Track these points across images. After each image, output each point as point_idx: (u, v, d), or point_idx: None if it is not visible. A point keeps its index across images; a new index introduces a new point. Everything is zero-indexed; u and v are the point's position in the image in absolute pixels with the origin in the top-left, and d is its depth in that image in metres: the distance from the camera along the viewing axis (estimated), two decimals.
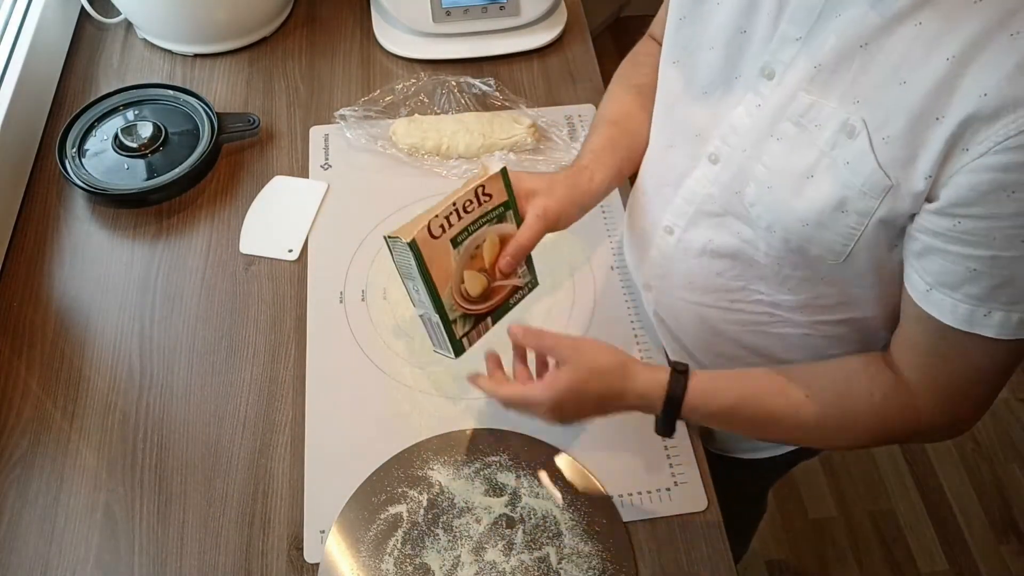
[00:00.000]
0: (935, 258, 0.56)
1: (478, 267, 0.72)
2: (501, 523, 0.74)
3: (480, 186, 0.69)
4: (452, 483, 0.76)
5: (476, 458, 0.77)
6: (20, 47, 1.01)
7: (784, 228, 0.62)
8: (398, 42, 1.12)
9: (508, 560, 0.72)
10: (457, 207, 0.68)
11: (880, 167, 0.55)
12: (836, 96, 0.57)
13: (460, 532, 0.73)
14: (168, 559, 0.73)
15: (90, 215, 0.96)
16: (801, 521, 1.71)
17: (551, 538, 0.73)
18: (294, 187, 0.99)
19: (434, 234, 0.67)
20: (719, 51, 0.65)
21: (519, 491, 0.76)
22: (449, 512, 0.74)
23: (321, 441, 0.79)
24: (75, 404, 0.82)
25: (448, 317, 0.71)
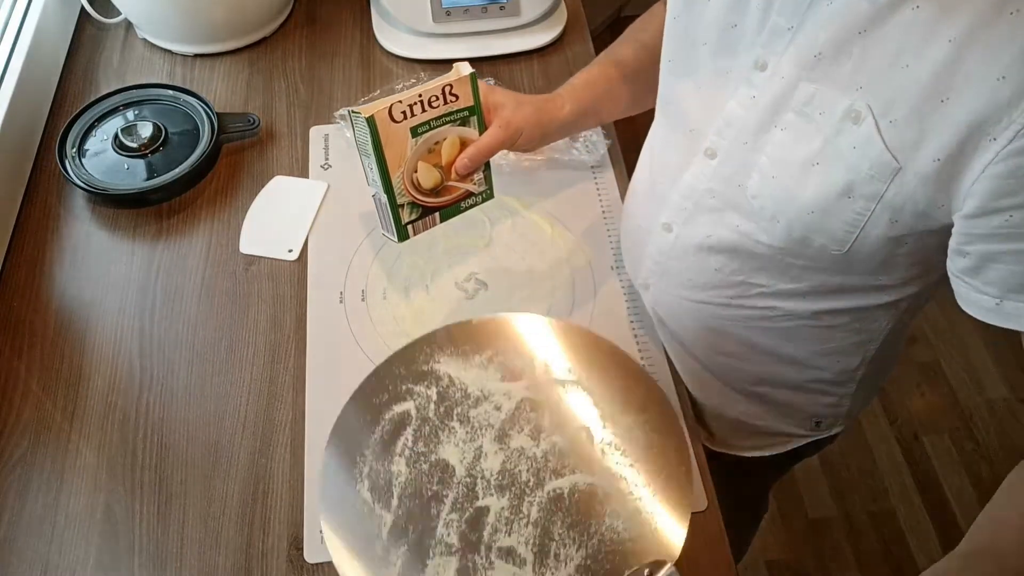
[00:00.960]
0: (996, 266, 0.55)
1: (434, 162, 0.75)
2: (525, 407, 0.67)
3: (448, 85, 0.71)
4: (463, 373, 0.69)
5: (486, 346, 0.71)
6: (20, 47, 1.01)
7: (788, 217, 0.62)
8: (398, 42, 1.12)
9: (538, 444, 0.65)
10: (423, 99, 0.71)
11: (887, 149, 0.55)
12: (838, 83, 0.57)
13: (479, 422, 0.67)
14: (168, 559, 0.73)
15: (90, 215, 0.96)
16: (801, 521, 1.71)
17: (584, 416, 0.67)
18: (294, 187, 0.99)
19: (395, 118, 0.70)
20: (711, 46, 0.66)
21: (540, 373, 0.70)
22: (463, 403, 0.68)
23: (321, 441, 0.79)
24: (75, 404, 0.82)
25: (395, 200, 0.74)
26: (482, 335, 0.72)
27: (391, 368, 0.71)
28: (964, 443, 1.81)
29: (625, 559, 0.61)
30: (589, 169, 1.01)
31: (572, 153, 1.00)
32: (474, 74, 0.73)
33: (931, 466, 1.78)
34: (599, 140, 1.01)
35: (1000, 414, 1.85)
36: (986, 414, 1.85)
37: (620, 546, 0.62)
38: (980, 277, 0.56)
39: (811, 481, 1.76)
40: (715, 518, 0.76)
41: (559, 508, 0.63)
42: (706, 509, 0.76)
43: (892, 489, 1.75)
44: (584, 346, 0.72)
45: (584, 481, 0.65)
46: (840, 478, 1.76)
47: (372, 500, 0.64)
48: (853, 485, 1.75)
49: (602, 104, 0.84)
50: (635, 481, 0.64)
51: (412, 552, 0.62)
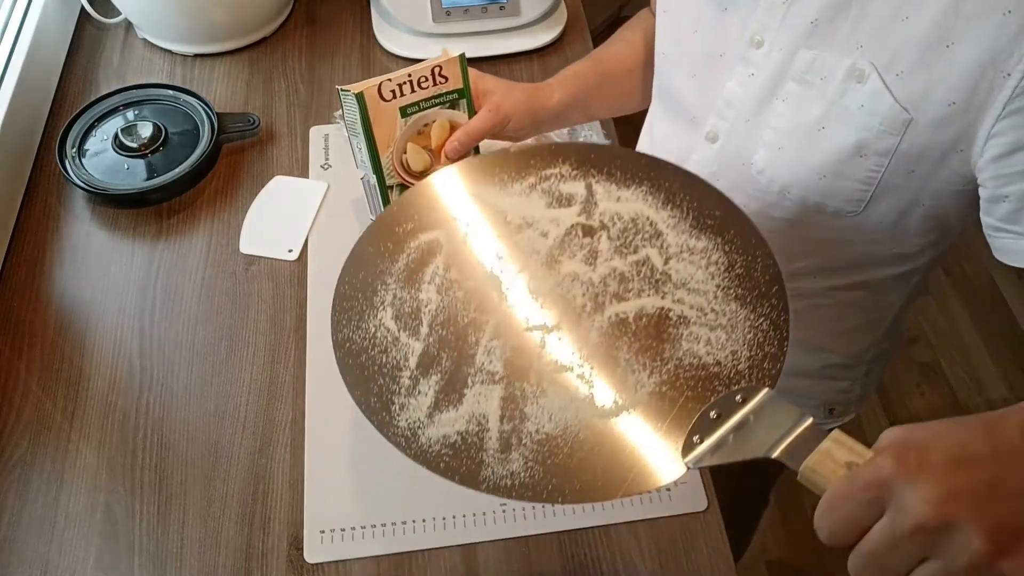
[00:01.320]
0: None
1: (423, 144, 0.74)
2: (576, 232, 0.59)
3: (438, 66, 0.71)
4: (501, 201, 0.61)
5: (528, 174, 0.63)
6: (20, 47, 1.01)
7: (801, 186, 0.62)
8: (398, 42, 1.12)
9: (594, 269, 0.57)
10: (412, 79, 0.71)
11: (898, 102, 0.55)
12: (838, 46, 0.58)
13: (522, 249, 0.59)
14: (168, 559, 0.73)
15: (90, 215, 0.96)
16: (801, 521, 1.71)
17: (648, 239, 0.59)
18: (294, 187, 0.99)
19: (384, 96, 0.70)
20: (703, 32, 0.66)
21: (593, 198, 0.62)
22: (502, 231, 0.60)
23: (321, 441, 0.79)
24: (75, 404, 0.82)
25: (384, 181, 0.73)
26: (522, 163, 0.64)
27: (415, 197, 0.63)
28: None
29: (710, 386, 0.53)
30: None
31: None
32: (463, 55, 0.72)
33: None
34: (598, 138, 1.01)
35: None
36: None
37: (702, 371, 0.53)
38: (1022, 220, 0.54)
39: None
40: (715, 518, 0.76)
41: (624, 333, 0.55)
42: (706, 509, 0.76)
43: None
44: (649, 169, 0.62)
45: (653, 305, 0.56)
46: None
47: (397, 329, 0.57)
48: None
49: (592, 97, 0.85)
50: (717, 304, 0.56)
51: (447, 381, 0.54)
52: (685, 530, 0.75)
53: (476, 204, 0.62)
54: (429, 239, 0.61)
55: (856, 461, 0.42)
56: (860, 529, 0.39)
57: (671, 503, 0.76)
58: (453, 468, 0.51)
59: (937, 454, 0.37)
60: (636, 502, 0.76)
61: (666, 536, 0.74)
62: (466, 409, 0.53)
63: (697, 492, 0.77)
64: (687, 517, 0.75)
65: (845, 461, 0.43)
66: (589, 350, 0.54)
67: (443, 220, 0.62)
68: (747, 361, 0.53)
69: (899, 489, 0.37)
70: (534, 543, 0.74)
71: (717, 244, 0.58)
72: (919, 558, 0.37)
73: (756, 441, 0.48)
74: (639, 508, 0.76)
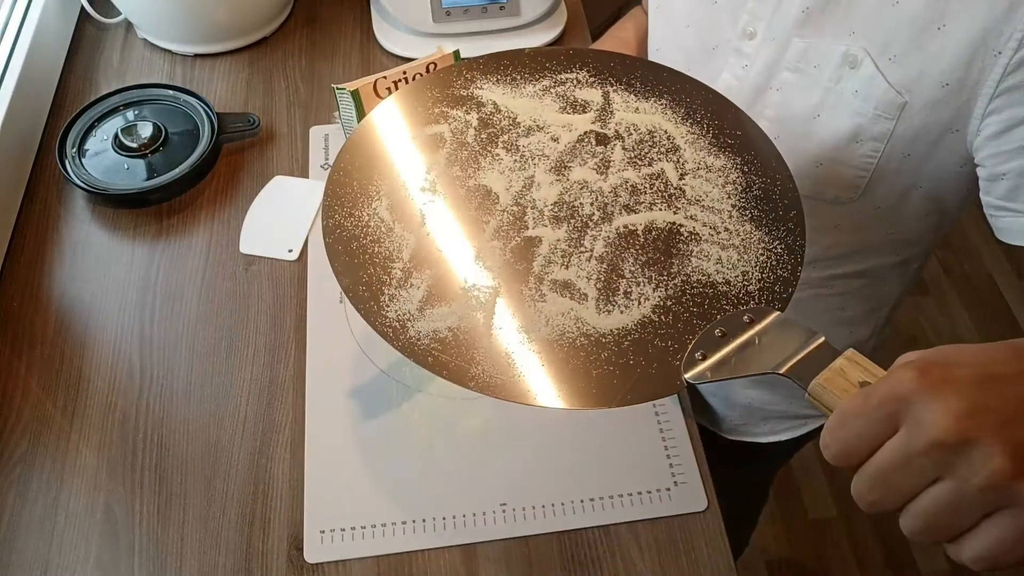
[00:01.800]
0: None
1: None
2: (589, 140, 0.58)
3: (432, 63, 0.71)
4: (512, 102, 0.59)
5: (542, 76, 0.61)
6: (20, 47, 1.01)
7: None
8: (398, 42, 1.12)
9: (605, 178, 0.55)
10: (407, 76, 0.70)
11: (892, 86, 0.55)
12: (830, 33, 0.58)
13: (531, 151, 0.57)
14: (168, 559, 0.73)
15: (90, 215, 0.96)
16: (801, 521, 1.71)
17: (664, 153, 0.57)
18: (294, 187, 0.99)
19: (380, 94, 0.69)
20: (695, 27, 0.67)
21: (610, 107, 0.60)
22: (511, 132, 0.58)
23: (321, 441, 0.79)
24: (75, 404, 0.82)
25: None
26: (537, 63, 0.61)
27: (421, 90, 0.60)
28: None
29: (717, 304, 0.51)
30: None
31: None
32: (457, 52, 0.72)
33: None
34: None
35: None
36: None
37: (711, 289, 0.51)
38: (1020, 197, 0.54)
39: (811, 481, 1.76)
40: (715, 518, 0.76)
41: (631, 245, 0.53)
42: (706, 509, 0.76)
43: None
44: (670, 83, 0.60)
45: (664, 219, 0.54)
46: (840, 478, 1.76)
47: (392, 220, 0.55)
48: None
49: None
50: (732, 224, 0.54)
51: (440, 277, 0.52)
52: (685, 530, 0.75)
53: (485, 103, 0.59)
54: (432, 133, 0.59)
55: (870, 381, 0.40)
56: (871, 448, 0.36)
57: (671, 503, 0.76)
58: (442, 363, 0.48)
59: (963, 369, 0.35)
60: (636, 502, 0.76)
61: (666, 536, 0.75)
62: (459, 306, 0.51)
63: (697, 492, 0.77)
64: (687, 517, 0.75)
65: (859, 380, 0.40)
66: (593, 259, 0.52)
67: (449, 115, 0.59)
68: (758, 283, 0.51)
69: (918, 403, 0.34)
70: (534, 543, 0.74)
71: (736, 164, 0.56)
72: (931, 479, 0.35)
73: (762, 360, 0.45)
74: (639, 508, 0.76)
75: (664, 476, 0.78)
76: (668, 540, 0.74)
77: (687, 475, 0.78)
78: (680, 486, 0.77)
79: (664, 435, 0.81)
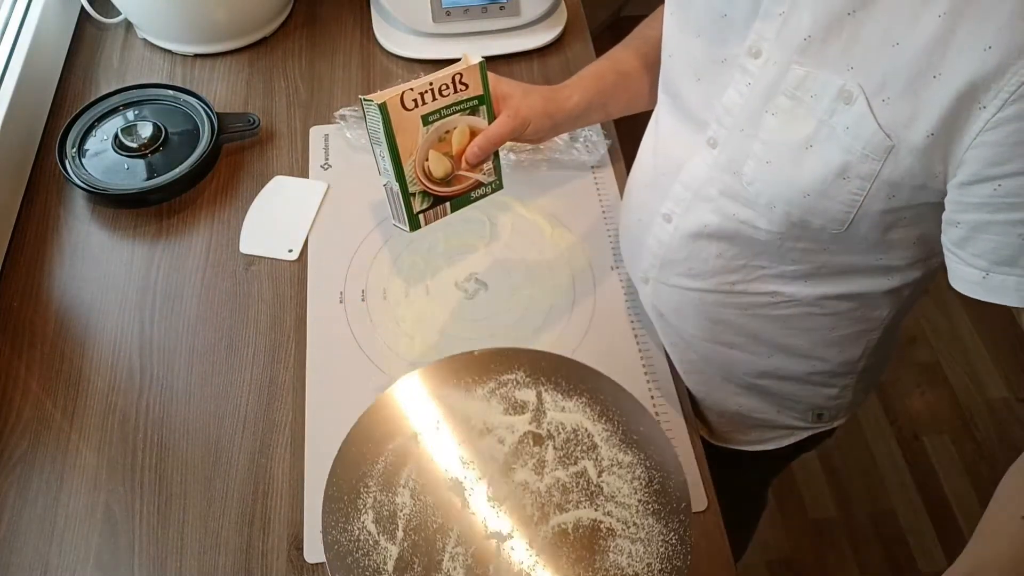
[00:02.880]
0: (984, 236, 0.54)
1: (445, 151, 0.75)
2: (528, 441, 0.68)
3: (458, 74, 0.72)
4: (467, 406, 0.70)
5: (489, 378, 0.72)
6: (20, 47, 1.01)
7: (786, 202, 0.63)
8: (398, 42, 1.12)
9: (541, 479, 0.66)
10: (434, 87, 0.71)
11: (881, 128, 0.55)
12: (829, 65, 0.58)
13: (483, 456, 0.67)
14: (168, 559, 0.73)
15: (90, 215, 0.96)
16: (801, 521, 1.71)
17: (586, 451, 0.68)
18: (294, 187, 0.99)
19: (406, 106, 0.70)
20: (705, 37, 0.66)
21: (542, 407, 0.70)
22: (467, 435, 0.69)
23: (321, 441, 0.79)
24: (75, 404, 0.82)
25: (407, 189, 0.74)
26: (484, 367, 0.73)
27: (394, 399, 0.72)
28: (964, 443, 1.81)
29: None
30: (589, 169, 1.01)
31: (572, 153, 1.00)
32: (483, 63, 0.73)
33: (931, 466, 1.78)
34: (599, 140, 1.01)
35: (1000, 414, 1.85)
36: (986, 414, 1.85)
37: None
38: (969, 248, 0.56)
39: (811, 481, 1.76)
40: (715, 518, 0.76)
41: (564, 543, 0.64)
42: (706, 509, 0.76)
43: (892, 489, 1.75)
44: (588, 382, 0.72)
45: (588, 517, 0.66)
46: (840, 478, 1.76)
47: (377, 532, 0.65)
48: (853, 485, 1.75)
49: (610, 97, 0.85)
50: (638, 518, 0.66)
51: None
52: None
53: (445, 408, 0.71)
54: (404, 442, 0.69)
55: None
56: None
57: None
58: None
59: None
60: None
61: None
62: None
63: (697, 492, 0.77)
64: None
65: None
66: (536, 559, 0.64)
67: (417, 424, 0.70)
68: (659, 573, 0.63)
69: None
70: None
71: (640, 459, 0.68)
72: None
73: None
74: None
75: None
76: None
77: (687, 475, 0.78)
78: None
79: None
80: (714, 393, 0.85)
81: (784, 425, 0.88)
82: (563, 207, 0.97)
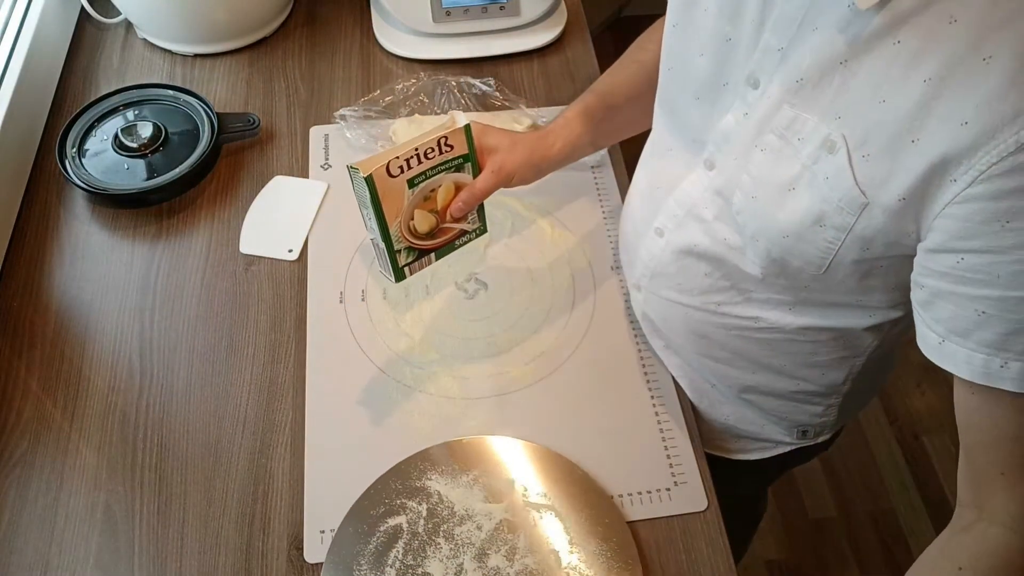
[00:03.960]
0: (944, 304, 0.55)
1: (430, 207, 0.76)
2: (503, 528, 0.74)
3: (444, 137, 0.73)
4: (451, 492, 0.76)
5: (473, 466, 0.77)
6: (20, 47, 1.01)
7: (767, 238, 0.63)
8: (398, 42, 1.12)
9: (512, 565, 0.72)
10: (419, 152, 0.73)
11: (856, 184, 0.55)
12: (818, 111, 0.57)
13: (462, 540, 0.73)
14: (168, 559, 0.73)
15: (90, 215, 0.96)
16: (801, 521, 1.71)
17: (554, 540, 0.73)
18: (294, 187, 0.99)
19: (392, 173, 0.72)
20: (708, 58, 0.65)
21: (519, 496, 0.75)
22: (450, 521, 0.74)
23: (321, 441, 0.79)
24: (75, 404, 0.82)
25: (393, 247, 0.76)
26: (470, 454, 0.78)
27: (387, 483, 0.76)
28: None
29: None
30: (589, 170, 1.01)
31: None
32: (468, 126, 0.74)
33: (931, 466, 1.78)
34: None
35: None
36: None
37: None
38: (929, 312, 0.56)
39: (811, 481, 1.76)
40: (715, 518, 0.76)
41: None
42: (706, 509, 0.76)
43: (892, 489, 1.75)
44: (560, 472, 0.77)
45: None
46: (840, 478, 1.76)
47: None
48: (853, 485, 1.75)
49: (598, 134, 0.85)
50: None
51: None
52: (685, 530, 0.75)
53: (432, 494, 0.76)
54: (394, 524, 0.74)
55: None
56: None
57: (671, 503, 0.76)
58: None
59: None
60: (636, 502, 0.76)
61: (666, 536, 0.75)
62: None
63: (697, 492, 0.77)
64: (687, 517, 0.76)
65: None
66: None
67: (407, 507, 0.75)
68: None
69: None
70: None
71: (602, 550, 0.72)
72: None
73: None
74: (639, 508, 0.76)
75: (664, 476, 0.78)
76: (668, 540, 0.74)
77: (687, 475, 0.78)
78: (680, 486, 0.77)
79: (664, 435, 0.81)
80: (703, 401, 0.85)
81: (768, 439, 0.88)
82: (564, 208, 0.97)
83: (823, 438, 0.89)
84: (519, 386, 0.83)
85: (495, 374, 0.84)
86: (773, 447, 0.89)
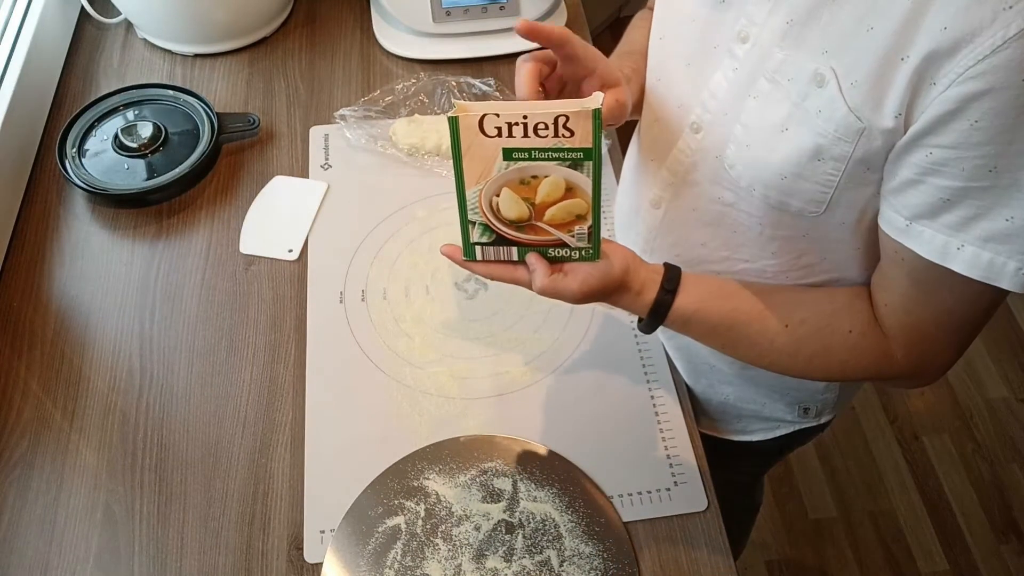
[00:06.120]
0: (912, 191, 0.57)
1: (525, 195, 0.63)
2: (500, 529, 0.74)
3: (564, 115, 0.58)
4: (449, 491, 0.76)
5: (471, 465, 0.77)
6: (20, 47, 1.01)
7: (764, 185, 0.64)
8: (398, 42, 1.12)
9: (509, 566, 0.72)
10: (527, 121, 0.59)
11: (851, 111, 0.57)
12: (806, 49, 0.59)
13: (460, 540, 0.73)
14: (168, 559, 0.73)
15: (90, 215, 0.96)
16: (801, 521, 1.71)
17: (551, 541, 0.73)
18: (294, 187, 0.99)
19: (485, 131, 0.60)
20: (699, 23, 0.67)
21: (516, 496, 0.75)
22: (447, 521, 0.74)
23: (321, 441, 0.79)
24: (75, 404, 0.82)
25: (467, 215, 0.64)
26: (469, 453, 0.78)
27: (385, 482, 0.76)
28: (964, 443, 1.81)
29: None
30: None
31: None
32: (598, 110, 0.58)
33: (931, 466, 1.78)
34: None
35: (1000, 414, 1.85)
36: (986, 414, 1.85)
37: None
38: (899, 197, 0.58)
39: (811, 481, 1.76)
40: (715, 518, 0.76)
41: None
42: (706, 509, 0.76)
43: (892, 489, 1.75)
44: (559, 472, 0.77)
45: None
46: (840, 478, 1.76)
47: None
48: (853, 485, 1.75)
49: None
50: None
51: None
52: (685, 530, 0.75)
53: (430, 494, 0.76)
54: (392, 525, 0.74)
55: None
56: None
57: (671, 503, 0.76)
58: None
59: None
60: (636, 502, 0.76)
61: (666, 536, 0.75)
62: None
63: (697, 492, 0.77)
64: (687, 517, 0.76)
65: None
66: None
67: (405, 507, 0.75)
68: None
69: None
70: None
71: (598, 551, 0.73)
72: None
73: None
74: (639, 508, 0.76)
75: (664, 476, 0.78)
76: (668, 540, 0.74)
77: (687, 475, 0.78)
78: (680, 486, 0.77)
79: (664, 435, 0.81)
80: (703, 380, 0.85)
81: (771, 417, 0.88)
82: None
83: (826, 417, 0.89)
84: (518, 386, 0.83)
85: (495, 374, 0.84)
86: (775, 427, 0.89)
